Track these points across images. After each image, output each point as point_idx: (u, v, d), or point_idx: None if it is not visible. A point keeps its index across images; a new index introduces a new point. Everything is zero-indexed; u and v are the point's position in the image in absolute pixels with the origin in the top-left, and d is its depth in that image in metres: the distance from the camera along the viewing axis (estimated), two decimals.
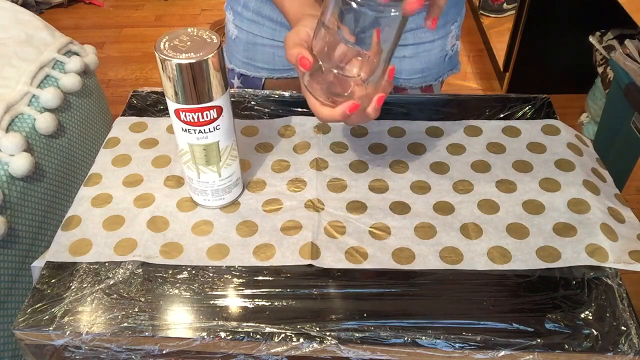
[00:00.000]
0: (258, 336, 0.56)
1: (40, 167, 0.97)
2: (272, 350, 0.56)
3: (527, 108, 0.83)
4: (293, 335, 0.56)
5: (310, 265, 0.62)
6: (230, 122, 0.64)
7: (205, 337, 0.56)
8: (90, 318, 0.58)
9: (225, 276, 0.62)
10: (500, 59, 2.19)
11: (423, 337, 0.56)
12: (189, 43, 0.58)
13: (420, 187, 0.71)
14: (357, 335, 0.56)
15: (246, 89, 0.88)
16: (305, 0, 0.69)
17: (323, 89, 0.62)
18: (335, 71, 0.61)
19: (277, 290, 0.60)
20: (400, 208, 0.69)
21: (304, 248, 0.64)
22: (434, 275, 0.62)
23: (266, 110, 0.83)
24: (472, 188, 0.71)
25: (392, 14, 0.55)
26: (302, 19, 0.65)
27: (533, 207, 0.68)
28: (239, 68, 0.97)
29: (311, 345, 0.56)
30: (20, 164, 0.90)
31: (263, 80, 0.96)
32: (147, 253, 0.64)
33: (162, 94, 0.87)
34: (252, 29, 0.91)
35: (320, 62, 0.61)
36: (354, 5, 0.54)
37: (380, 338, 0.56)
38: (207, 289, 0.61)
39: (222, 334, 0.56)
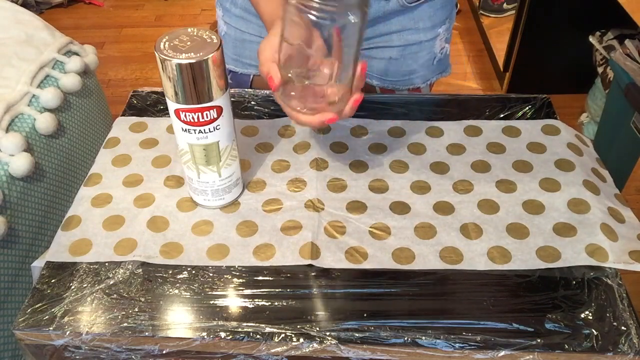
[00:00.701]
0: (258, 336, 0.56)
1: (40, 167, 0.97)
2: (272, 350, 0.56)
3: (527, 108, 0.83)
4: (293, 335, 0.56)
5: (310, 265, 0.62)
6: (230, 122, 0.64)
7: (205, 337, 0.56)
8: (90, 318, 0.58)
9: (225, 276, 0.62)
10: (500, 59, 2.19)
11: (423, 337, 0.56)
12: (189, 43, 0.58)
13: (420, 187, 0.71)
14: (357, 335, 0.56)
15: (246, 89, 0.88)
16: (280, 2, 0.69)
17: (298, 98, 0.63)
18: (306, 82, 0.62)
19: (277, 290, 0.60)
20: (400, 208, 0.69)
21: (304, 248, 0.64)
22: (434, 275, 0.62)
23: (266, 110, 0.83)
24: (472, 188, 0.71)
25: (352, 20, 0.56)
26: (275, 23, 0.66)
27: (533, 207, 0.68)
28: (228, 64, 0.96)
29: (311, 345, 0.56)
30: (20, 164, 0.90)
31: (251, 77, 0.96)
32: (147, 253, 0.64)
33: (162, 94, 0.87)
34: (240, 25, 0.91)
35: (291, 74, 0.62)
36: (312, 17, 0.56)
37: (380, 338, 0.56)
38: (207, 289, 0.61)
39: (222, 334, 0.56)
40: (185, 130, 0.62)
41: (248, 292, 0.60)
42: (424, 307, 0.59)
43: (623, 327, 0.56)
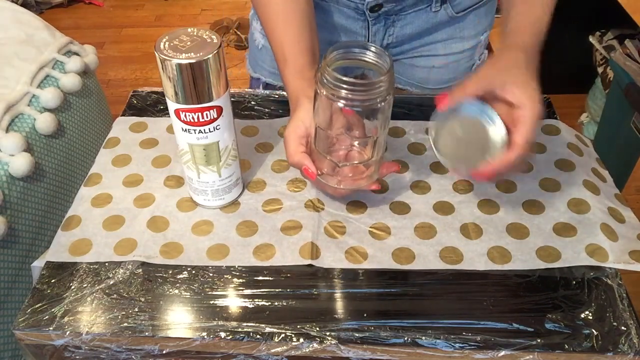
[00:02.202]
0: (258, 336, 0.56)
1: (40, 167, 0.97)
2: (272, 350, 0.56)
3: None
4: (293, 335, 0.56)
5: (310, 265, 0.62)
6: (230, 122, 0.64)
7: (205, 337, 0.56)
8: (90, 318, 0.58)
9: (225, 276, 0.62)
10: None
11: (423, 337, 0.56)
12: (189, 43, 0.58)
13: (420, 187, 0.71)
14: (357, 335, 0.56)
15: (246, 89, 0.88)
16: (306, 76, 0.68)
17: (335, 176, 0.65)
18: (345, 164, 0.65)
19: (277, 290, 0.60)
20: (400, 208, 0.69)
21: (304, 248, 0.64)
22: (434, 275, 0.62)
23: (266, 110, 0.83)
24: (472, 188, 0.71)
25: (381, 105, 0.58)
26: (298, 104, 0.66)
27: (533, 207, 0.68)
28: (265, 77, 0.94)
29: (311, 345, 0.56)
30: (20, 164, 0.90)
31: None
32: (147, 253, 0.64)
33: (162, 94, 0.87)
34: None
35: (329, 157, 0.64)
36: (342, 106, 0.58)
37: (380, 338, 0.56)
38: (207, 289, 0.61)
39: (222, 334, 0.56)
40: (185, 130, 0.62)
41: (248, 292, 0.60)
42: (424, 307, 0.59)
43: (623, 327, 0.56)
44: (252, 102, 0.85)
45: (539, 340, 0.55)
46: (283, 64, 0.70)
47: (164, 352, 0.58)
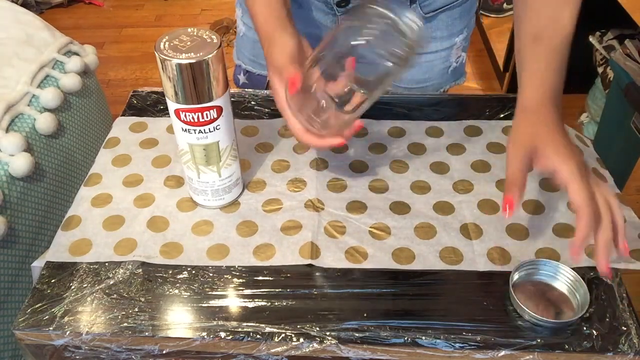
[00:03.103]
0: (258, 336, 0.56)
1: (40, 167, 0.97)
2: (272, 350, 0.56)
3: None
4: (293, 335, 0.56)
5: (310, 265, 0.62)
6: (230, 122, 0.64)
7: (205, 337, 0.56)
8: (90, 318, 0.58)
9: (225, 276, 0.62)
10: (500, 59, 2.19)
11: (423, 337, 0.56)
12: (189, 43, 0.58)
13: (420, 187, 0.71)
14: (357, 335, 0.56)
15: (246, 89, 0.88)
16: (280, 17, 0.68)
17: (311, 114, 0.64)
18: (333, 106, 0.63)
19: (277, 290, 0.60)
20: (400, 208, 0.69)
21: (304, 248, 0.64)
22: (434, 275, 0.62)
23: (266, 110, 0.83)
24: (472, 188, 0.71)
25: (389, 64, 0.58)
26: (275, 36, 0.65)
27: (533, 207, 0.68)
28: (245, 65, 0.96)
29: (311, 345, 0.56)
30: (20, 164, 0.90)
31: (268, 78, 0.96)
32: (147, 253, 0.64)
33: (162, 94, 0.87)
34: None
35: (314, 89, 0.63)
36: (361, 42, 0.58)
37: (380, 338, 0.56)
38: (207, 289, 0.61)
39: (222, 334, 0.56)
40: (185, 130, 0.62)
41: (248, 292, 0.60)
42: (424, 307, 0.59)
43: (623, 327, 0.56)
44: (252, 102, 0.85)
45: (539, 340, 0.55)
46: (256, 20, 0.70)
47: (164, 352, 0.58)
